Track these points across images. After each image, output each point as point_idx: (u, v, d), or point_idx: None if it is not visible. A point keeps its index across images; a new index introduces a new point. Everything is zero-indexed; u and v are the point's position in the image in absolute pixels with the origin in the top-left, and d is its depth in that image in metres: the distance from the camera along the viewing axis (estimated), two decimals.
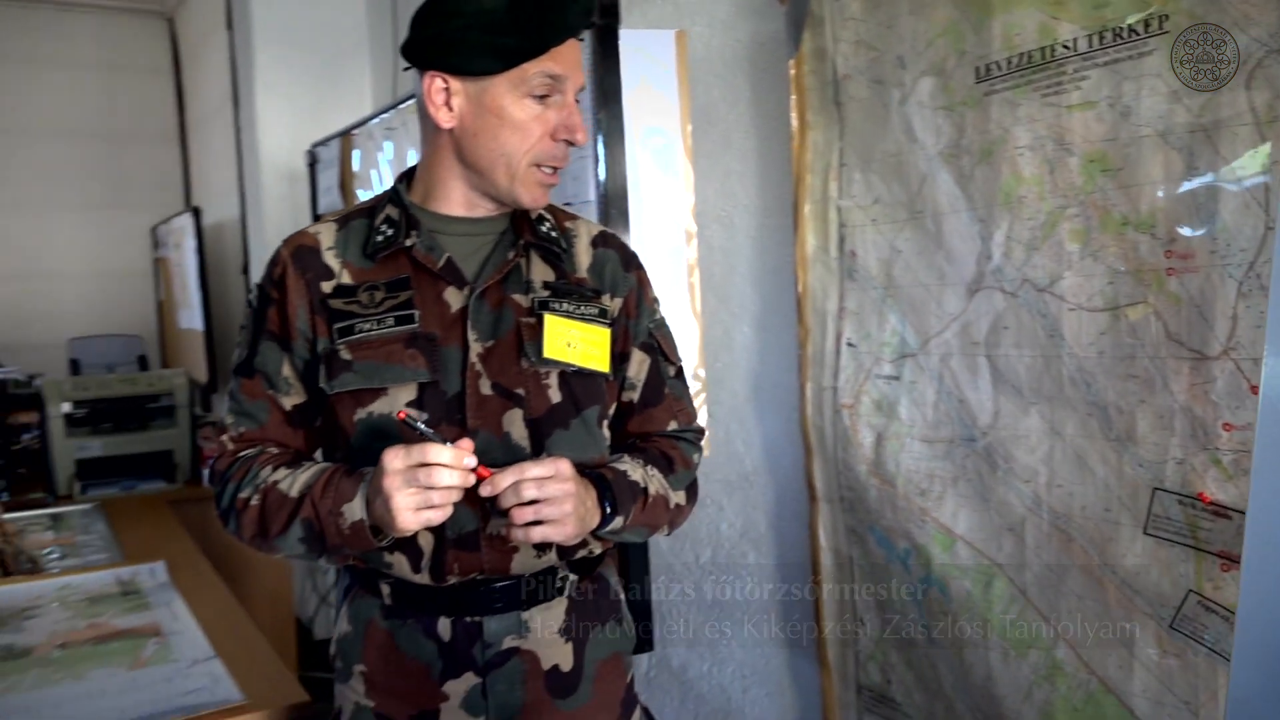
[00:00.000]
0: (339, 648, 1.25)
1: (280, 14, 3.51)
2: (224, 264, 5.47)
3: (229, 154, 5.41)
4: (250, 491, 1.15)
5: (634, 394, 1.26)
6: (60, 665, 1.63)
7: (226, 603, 1.99)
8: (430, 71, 1.13)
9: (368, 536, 1.08)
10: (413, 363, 1.14)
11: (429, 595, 1.17)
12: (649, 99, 1.60)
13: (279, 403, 1.20)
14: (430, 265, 1.17)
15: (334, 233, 1.21)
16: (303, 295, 1.17)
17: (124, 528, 2.57)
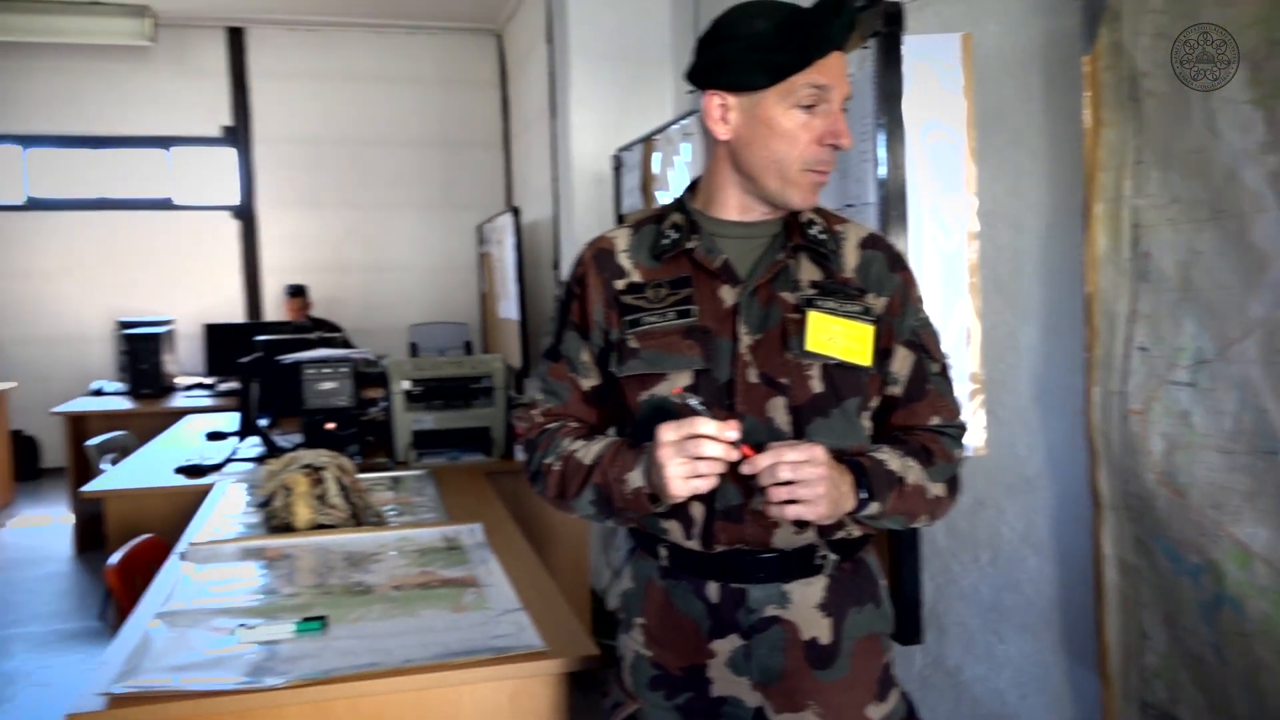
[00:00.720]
0: (623, 601, 1.43)
1: (593, 29, 3.80)
2: (538, 259, 5.97)
3: (545, 159, 5.89)
4: (553, 459, 1.35)
5: (897, 389, 1.33)
6: (398, 603, 1.91)
7: (532, 564, 2.23)
8: (710, 90, 1.27)
9: (645, 502, 1.23)
10: (690, 352, 1.28)
11: (699, 560, 1.31)
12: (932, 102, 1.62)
13: (579, 384, 1.39)
14: (708, 265, 1.31)
15: (629, 237, 1.39)
16: (600, 292, 1.35)
17: (449, 492, 2.92)
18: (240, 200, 7.19)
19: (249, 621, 1.76)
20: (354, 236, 7.37)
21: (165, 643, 1.69)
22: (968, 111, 1.65)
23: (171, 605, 1.88)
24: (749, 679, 1.31)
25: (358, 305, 7.29)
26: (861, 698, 1.32)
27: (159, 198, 7.07)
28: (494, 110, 7.57)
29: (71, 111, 6.77)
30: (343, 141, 7.29)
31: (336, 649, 1.66)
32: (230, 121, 7.11)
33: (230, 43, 7.05)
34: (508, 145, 7.57)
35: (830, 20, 1.20)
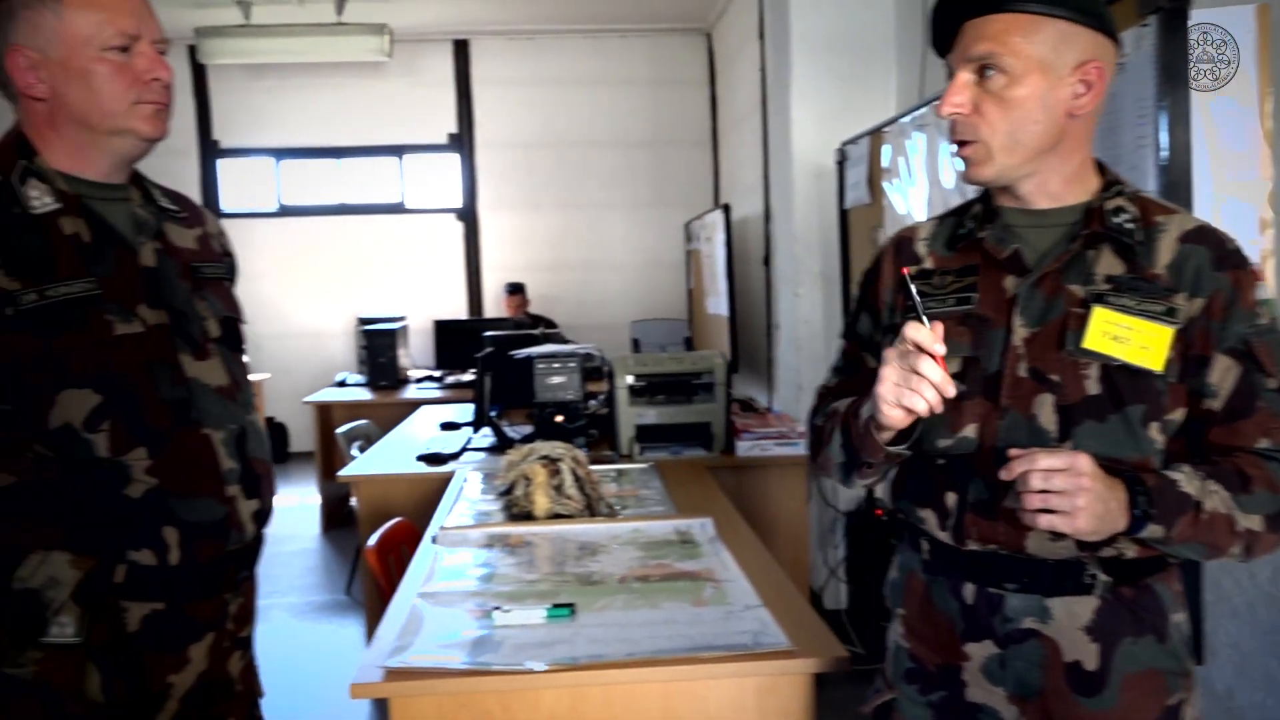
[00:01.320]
0: (889, 590, 1.43)
1: (814, 24, 3.76)
2: (747, 255, 5.96)
3: (755, 155, 5.88)
4: (823, 419, 1.39)
5: (1215, 402, 1.19)
6: (640, 594, 1.96)
7: (765, 560, 2.23)
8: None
9: (873, 434, 1.21)
10: (960, 339, 1.25)
11: (955, 557, 1.27)
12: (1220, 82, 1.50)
13: (866, 363, 1.41)
14: (996, 254, 1.26)
15: (932, 227, 1.39)
16: (892, 277, 1.37)
17: (673, 486, 2.96)
18: (463, 203, 7.59)
19: (504, 605, 1.85)
20: (567, 235, 7.63)
21: (430, 621, 1.81)
22: (1262, 90, 1.51)
23: (431, 586, 2.01)
24: (1004, 690, 1.25)
25: (570, 302, 7.54)
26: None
27: (392, 202, 7.58)
28: (702, 109, 7.63)
29: (316, 124, 7.36)
30: (557, 144, 7.56)
31: (587, 636, 1.72)
32: (455, 129, 7.52)
33: (456, 54, 7.45)
34: (715, 143, 7.61)
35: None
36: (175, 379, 1.34)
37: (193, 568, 1.33)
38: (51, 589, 1.24)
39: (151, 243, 1.39)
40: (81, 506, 1.26)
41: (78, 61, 1.28)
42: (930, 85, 3.31)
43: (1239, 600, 1.95)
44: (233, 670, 1.48)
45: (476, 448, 3.56)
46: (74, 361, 1.25)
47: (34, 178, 1.29)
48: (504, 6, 6.69)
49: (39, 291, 1.23)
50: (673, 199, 7.62)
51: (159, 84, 1.33)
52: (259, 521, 1.43)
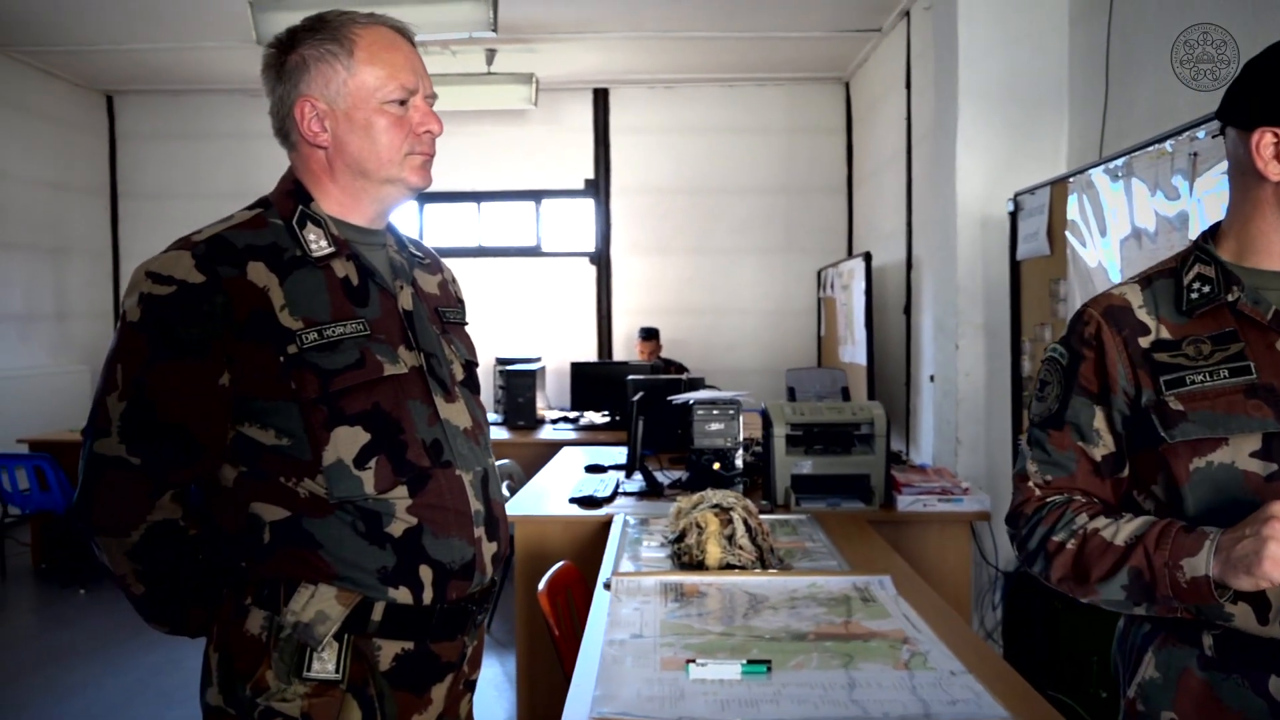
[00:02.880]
0: (1140, 692, 1.29)
1: (984, 72, 3.70)
2: (886, 303, 5.87)
3: (898, 203, 5.80)
4: (1065, 536, 1.24)
5: None
6: (834, 653, 1.89)
7: (955, 621, 2.14)
8: (1261, 127, 1.15)
9: (1209, 591, 1.10)
10: (1257, 412, 1.15)
11: (1265, 648, 1.16)
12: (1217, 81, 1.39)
13: (1089, 453, 1.29)
14: (1259, 318, 1.18)
15: (1140, 292, 1.28)
16: (1121, 350, 1.25)
17: (838, 539, 2.89)
18: (596, 246, 7.69)
19: (698, 658, 1.81)
20: (697, 280, 7.65)
21: (624, 670, 1.78)
22: None
23: (616, 634, 1.98)
24: None
25: (698, 346, 7.54)
26: None
27: (529, 245, 7.74)
28: (838, 156, 7.59)
29: (460, 169, 7.59)
30: (691, 190, 7.62)
31: (790, 696, 1.67)
32: (591, 174, 7.65)
33: (596, 102, 7.60)
34: (850, 190, 7.55)
35: None
36: (431, 420, 1.36)
37: (442, 609, 1.34)
38: (320, 624, 1.26)
39: (408, 287, 1.43)
40: (347, 543, 1.28)
41: (362, 113, 1.33)
42: (1111, 135, 3.21)
43: None
44: (462, 713, 1.48)
45: (628, 492, 3.55)
46: (348, 400, 1.28)
47: (311, 222, 1.34)
48: (645, 56, 6.81)
49: (319, 331, 1.27)
50: (805, 246, 7.58)
51: (430, 136, 1.38)
52: (496, 564, 1.44)
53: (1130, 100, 3.14)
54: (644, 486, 3.60)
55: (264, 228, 1.33)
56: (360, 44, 1.33)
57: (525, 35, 6.11)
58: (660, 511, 3.00)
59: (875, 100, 6.56)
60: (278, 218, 1.34)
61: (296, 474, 1.27)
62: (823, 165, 7.60)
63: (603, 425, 5.81)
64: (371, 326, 1.33)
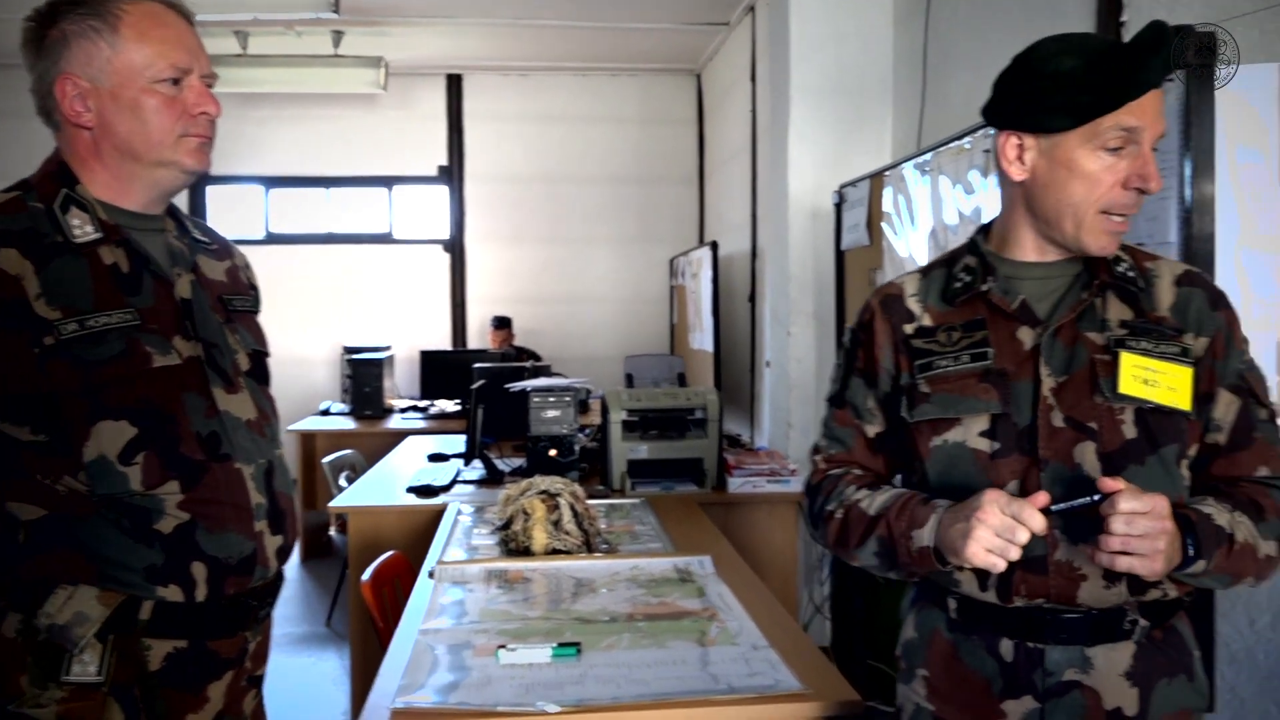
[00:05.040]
0: (904, 650, 1.39)
1: (813, 68, 3.82)
2: (733, 292, 6.00)
3: (744, 194, 5.93)
4: (835, 506, 1.33)
5: (1220, 436, 1.24)
6: (646, 633, 1.94)
7: (766, 598, 2.21)
8: (1006, 130, 1.23)
9: (932, 561, 1.20)
10: (986, 395, 1.24)
11: (994, 614, 1.25)
12: (1244, 136, 1.53)
13: (863, 430, 1.38)
14: (1005, 307, 1.26)
15: (918, 281, 1.37)
16: (888, 336, 1.34)
17: (668, 522, 2.95)
18: (450, 234, 7.58)
19: (508, 644, 1.82)
20: (552, 269, 7.63)
21: (434, 659, 1.77)
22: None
23: (432, 623, 1.97)
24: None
25: (554, 335, 7.54)
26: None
27: (380, 232, 7.56)
28: (690, 147, 7.69)
29: (307, 154, 7.35)
30: (545, 178, 7.59)
31: (596, 676, 1.70)
32: (445, 161, 7.53)
33: (449, 88, 7.48)
34: (702, 181, 7.68)
35: (1148, 59, 1.14)
36: (208, 412, 1.32)
37: (218, 605, 1.31)
38: (78, 625, 1.21)
39: (187, 274, 1.38)
40: (111, 541, 1.23)
41: (128, 92, 1.27)
42: (929, 130, 3.37)
43: (1238, 646, 1.96)
44: (246, 710, 1.45)
45: (467, 480, 3.53)
46: (112, 393, 1.22)
47: (75, 206, 1.28)
48: (498, 43, 6.74)
49: (79, 321, 1.21)
50: (658, 235, 7.66)
51: (206, 118, 1.33)
52: (281, 558, 1.41)
53: (945, 97, 3.30)
54: (484, 474, 3.59)
55: (21, 212, 1.26)
56: (126, 20, 1.27)
57: (373, 18, 5.96)
58: (498, 499, 2.99)
59: (724, 92, 6.68)
60: (38, 201, 1.27)
61: (55, 471, 1.22)
62: (675, 155, 7.70)
63: (454, 414, 5.75)
64: (143, 316, 1.28)
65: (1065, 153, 1.19)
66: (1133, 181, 1.18)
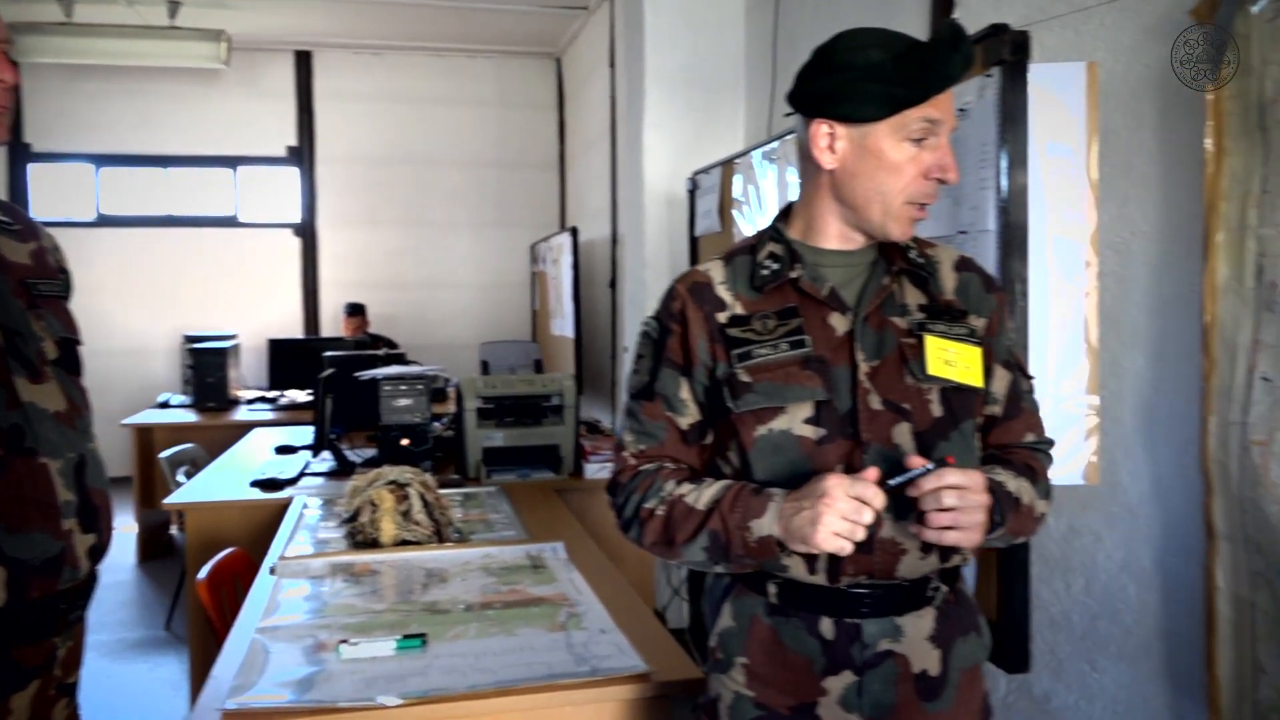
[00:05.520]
0: (720, 640, 1.37)
1: (668, 56, 3.84)
2: (594, 278, 6.00)
3: (604, 180, 5.94)
4: (656, 503, 1.30)
5: (996, 408, 1.34)
6: (495, 621, 1.92)
7: (617, 582, 2.23)
8: (817, 119, 1.25)
9: (773, 550, 1.20)
10: (809, 382, 1.26)
11: (816, 595, 1.28)
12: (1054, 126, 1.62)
13: (676, 423, 1.34)
14: (815, 294, 1.28)
15: (723, 269, 1.35)
16: (702, 325, 1.31)
17: (523, 509, 2.93)
18: (301, 218, 7.31)
19: (351, 638, 1.77)
20: (409, 254, 7.47)
21: (271, 658, 1.71)
22: (1090, 140, 1.64)
23: (270, 620, 1.90)
24: (859, 715, 1.28)
25: (412, 322, 7.38)
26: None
27: (224, 215, 7.22)
28: (551, 132, 7.65)
29: (143, 131, 6.94)
30: (401, 161, 7.41)
31: (440, 667, 1.67)
32: (295, 142, 7.25)
33: (298, 66, 7.19)
34: (563, 166, 7.64)
35: (950, 55, 1.19)
36: (9, 403, 1.22)
37: (21, 609, 1.21)
38: None
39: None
40: None
41: None
42: (779, 119, 3.44)
43: (1056, 610, 2.09)
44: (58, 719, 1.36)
45: (316, 472, 3.42)
46: None
47: None
48: (348, 20, 6.52)
49: None
50: (519, 220, 7.60)
51: (1, 87, 1.22)
52: (95, 557, 1.32)
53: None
54: (334, 466, 3.48)
55: None
56: None
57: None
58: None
59: (584, 78, 6.66)
60: None
61: None
62: (535, 140, 7.64)
63: (305, 405, 5.55)
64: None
65: (875, 142, 1.22)
66: (934, 172, 1.23)
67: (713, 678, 1.40)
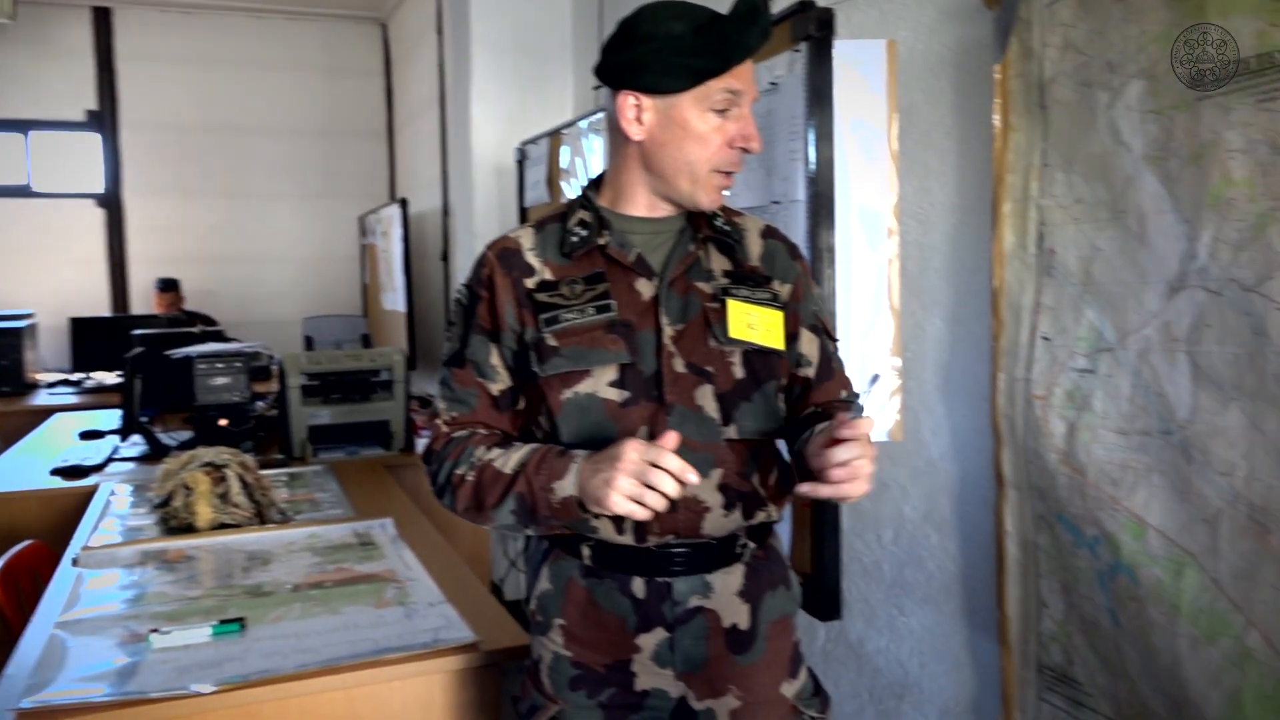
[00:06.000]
0: (539, 603, 1.39)
1: (494, 24, 3.78)
2: (425, 251, 5.88)
3: (434, 150, 5.81)
4: (466, 469, 1.30)
5: (810, 370, 1.40)
6: (319, 601, 1.87)
7: (448, 556, 2.21)
8: (624, 90, 1.27)
9: (575, 511, 1.22)
10: (614, 346, 1.28)
11: (627, 555, 1.31)
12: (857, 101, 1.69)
13: (487, 389, 1.35)
14: (622, 260, 1.31)
15: (533, 235, 1.37)
16: (510, 291, 1.32)
17: (351, 487, 2.86)
18: (105, 188, 6.82)
19: (162, 627, 1.69)
20: (229, 228, 7.09)
21: (72, 653, 1.61)
22: (890, 115, 1.72)
23: (72, 614, 1.79)
24: (672, 670, 1.33)
25: (233, 298, 7.02)
26: (777, 676, 1.36)
27: (15, 184, 6.64)
28: (378, 100, 7.40)
29: None
30: (217, 129, 7.00)
31: (260, 651, 1.62)
32: (95, 105, 6.73)
33: (96, 23, 6.67)
34: (391, 135, 7.42)
35: (749, 27, 1.22)
36: None
37: None
38: None
39: None
40: None
41: None
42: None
43: (868, 559, 2.21)
44: None
45: (125, 458, 3.23)
46: None
47: None
48: None
49: None
50: (346, 191, 7.33)
51: None
52: None
53: None
54: (146, 450, 3.29)
55: None
56: None
57: None
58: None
59: (412, 44, 6.47)
60: None
61: None
62: (362, 108, 7.37)
63: (114, 387, 5.21)
64: None
65: (680, 113, 1.25)
66: (738, 141, 1.27)
67: (534, 640, 1.42)
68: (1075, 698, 1.61)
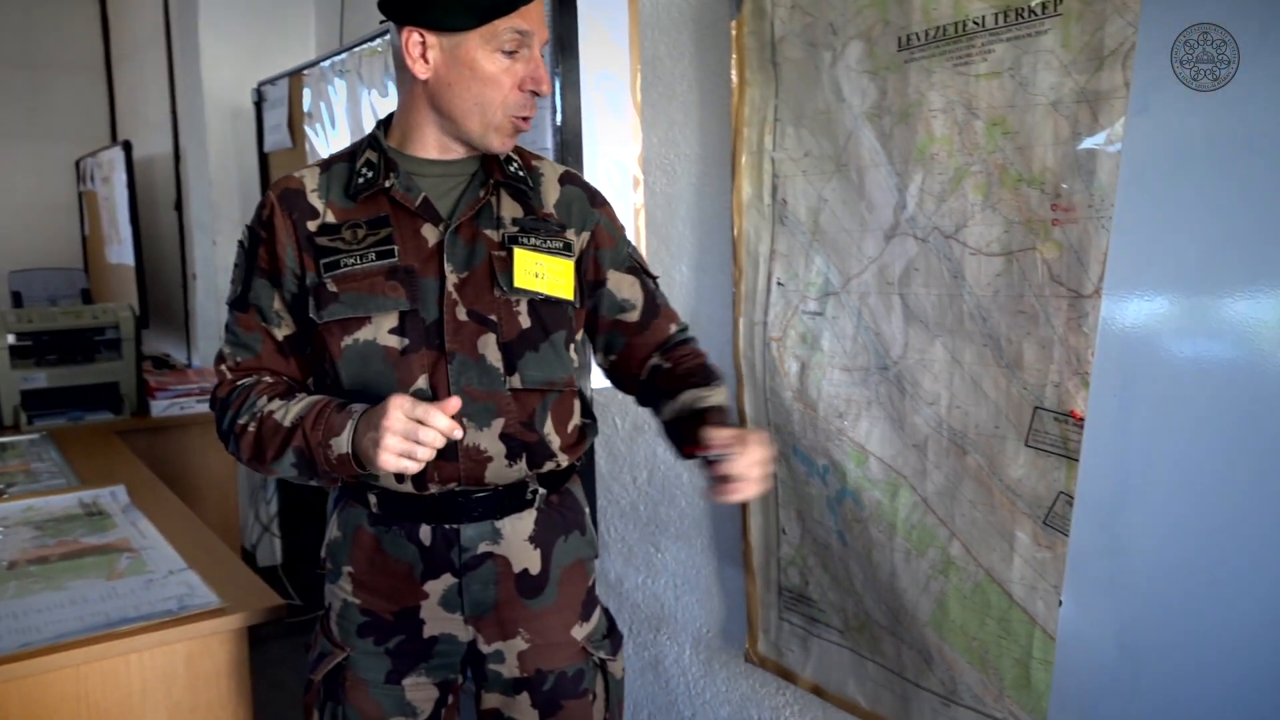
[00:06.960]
0: (329, 551, 1.39)
1: None
2: (155, 200, 5.41)
3: (161, 88, 5.33)
4: (248, 419, 1.27)
5: (634, 314, 1.41)
6: (38, 578, 1.73)
7: (191, 522, 2.10)
8: (408, 26, 1.22)
9: (352, 467, 1.20)
10: (394, 293, 1.25)
11: (412, 503, 1.30)
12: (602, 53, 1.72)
13: (271, 334, 1.31)
14: (408, 204, 1.28)
15: (317, 175, 1.32)
16: (290, 234, 1.28)
17: (76, 456, 2.64)
18: None
19: None
20: None
21: None
22: (633, 64, 1.76)
23: None
24: (461, 615, 1.33)
25: None
26: (568, 620, 1.39)
27: None
28: (92, 30, 6.67)
29: None
30: None
31: None
32: None
33: None
34: (110, 70, 6.73)
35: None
36: None
37: None
38: None
39: None
40: None
41: None
42: (350, 30, 3.30)
43: (625, 501, 2.29)
44: None
45: None
46: None
47: None
48: None
49: None
50: (57, 132, 6.59)
51: None
52: None
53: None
54: None
55: None
56: None
57: None
58: None
59: None
60: None
61: None
62: (73, 38, 6.62)
63: None
64: None
65: (467, 53, 1.22)
66: (527, 84, 1.25)
67: (326, 588, 1.40)
68: (811, 614, 1.76)
